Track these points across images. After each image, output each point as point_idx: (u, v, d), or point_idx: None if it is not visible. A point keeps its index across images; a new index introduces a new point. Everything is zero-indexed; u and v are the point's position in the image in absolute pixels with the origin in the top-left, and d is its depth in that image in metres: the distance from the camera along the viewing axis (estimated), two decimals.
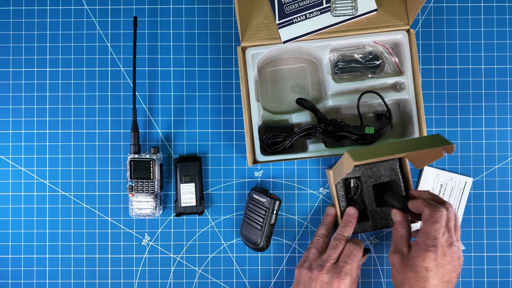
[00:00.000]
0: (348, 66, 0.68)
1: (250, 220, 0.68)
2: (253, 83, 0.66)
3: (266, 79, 0.71)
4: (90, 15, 0.72)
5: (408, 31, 0.66)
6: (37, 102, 0.72)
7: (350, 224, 0.63)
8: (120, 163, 0.72)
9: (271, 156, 0.66)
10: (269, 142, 0.66)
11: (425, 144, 0.55)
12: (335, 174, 0.64)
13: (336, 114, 0.70)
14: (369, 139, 0.65)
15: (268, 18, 0.66)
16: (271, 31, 0.66)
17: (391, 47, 0.69)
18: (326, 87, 0.68)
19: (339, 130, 0.65)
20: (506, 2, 0.72)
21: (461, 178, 0.71)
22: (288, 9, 0.66)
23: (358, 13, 0.65)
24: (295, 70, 0.71)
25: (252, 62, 0.66)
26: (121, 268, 0.72)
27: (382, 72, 0.69)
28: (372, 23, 0.66)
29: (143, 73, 0.72)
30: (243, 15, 0.65)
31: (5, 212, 0.72)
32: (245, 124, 0.65)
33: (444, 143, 0.54)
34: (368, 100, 0.68)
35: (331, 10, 0.66)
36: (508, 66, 0.72)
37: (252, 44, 0.66)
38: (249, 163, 0.65)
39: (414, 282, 0.54)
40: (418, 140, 0.58)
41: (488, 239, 0.71)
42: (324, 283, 0.58)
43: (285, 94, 0.71)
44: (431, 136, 0.56)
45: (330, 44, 0.66)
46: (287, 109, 0.71)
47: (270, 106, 0.71)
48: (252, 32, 0.65)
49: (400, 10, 0.65)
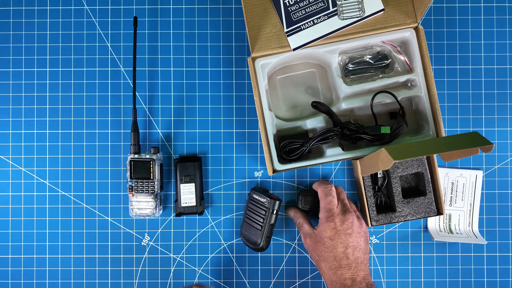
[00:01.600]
0: (358, 68, 0.68)
1: (250, 220, 0.68)
2: (264, 92, 0.65)
3: (276, 87, 0.71)
4: (90, 15, 0.72)
5: (416, 28, 0.66)
6: (37, 102, 0.72)
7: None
8: (120, 163, 0.72)
9: (290, 164, 0.65)
10: (286, 149, 0.65)
11: (464, 143, 0.54)
12: (366, 167, 0.63)
13: (349, 117, 0.70)
14: (386, 139, 0.64)
15: (277, 27, 0.65)
16: (280, 40, 0.65)
17: (399, 46, 0.69)
18: (338, 90, 0.68)
19: (355, 132, 0.65)
20: (506, 3, 0.72)
21: (471, 173, 0.71)
22: (295, 17, 0.65)
23: (366, 14, 0.65)
24: (304, 75, 0.71)
25: (262, 72, 0.66)
26: (121, 268, 0.72)
27: (392, 71, 0.69)
28: (380, 23, 0.65)
29: (143, 73, 0.72)
30: (252, 26, 0.65)
31: (5, 212, 0.72)
32: (262, 135, 0.65)
33: (484, 142, 0.53)
34: (381, 100, 0.68)
35: (338, 13, 0.65)
36: (508, 66, 0.72)
37: (263, 54, 0.65)
38: (269, 172, 0.65)
39: (325, 255, 0.59)
40: (458, 139, 0.57)
41: (488, 239, 0.71)
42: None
43: (297, 100, 0.71)
44: (470, 134, 0.56)
45: (339, 48, 0.66)
46: (300, 115, 0.71)
47: (282, 113, 0.71)
48: (262, 43, 0.65)
49: (408, 7, 0.65)
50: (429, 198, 0.67)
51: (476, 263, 0.71)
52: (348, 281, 0.57)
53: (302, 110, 0.71)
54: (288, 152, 0.66)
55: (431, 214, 0.66)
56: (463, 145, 0.54)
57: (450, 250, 0.71)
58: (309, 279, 0.72)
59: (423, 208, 0.67)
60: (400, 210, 0.67)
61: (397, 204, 0.67)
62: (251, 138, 0.72)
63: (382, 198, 0.69)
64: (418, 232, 0.71)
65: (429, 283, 0.71)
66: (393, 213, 0.67)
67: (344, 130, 0.65)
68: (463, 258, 0.71)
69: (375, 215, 0.67)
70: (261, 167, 0.72)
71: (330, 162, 0.66)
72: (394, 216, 0.67)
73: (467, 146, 0.54)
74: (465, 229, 0.71)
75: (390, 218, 0.67)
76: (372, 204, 0.67)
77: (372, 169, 0.60)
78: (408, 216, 0.67)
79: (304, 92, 0.71)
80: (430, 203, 0.67)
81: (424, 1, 0.61)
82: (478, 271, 0.71)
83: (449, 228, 0.71)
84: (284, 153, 0.66)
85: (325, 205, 0.62)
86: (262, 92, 0.65)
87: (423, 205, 0.67)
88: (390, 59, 0.69)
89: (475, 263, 0.71)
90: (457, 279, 0.71)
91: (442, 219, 0.71)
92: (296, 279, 0.72)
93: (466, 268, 0.71)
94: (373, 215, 0.67)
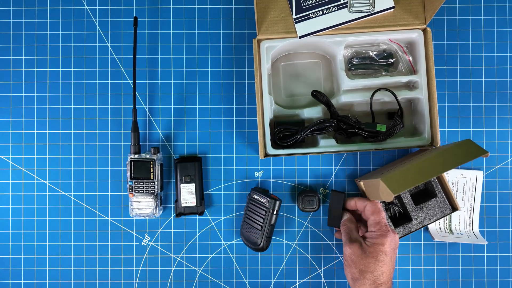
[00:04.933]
0: (363, 63, 0.68)
1: (250, 220, 0.68)
2: (266, 76, 0.66)
3: (278, 73, 0.71)
4: (91, 16, 0.72)
5: (424, 30, 0.66)
6: (37, 103, 0.72)
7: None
8: (120, 163, 0.72)
9: (282, 150, 0.66)
10: (280, 135, 0.66)
11: (462, 159, 0.54)
12: (370, 193, 0.63)
13: (348, 111, 0.71)
14: (380, 136, 0.65)
15: (285, 12, 0.65)
16: (288, 25, 0.65)
17: (405, 46, 0.69)
18: (340, 83, 0.68)
19: (351, 126, 0.65)
20: (507, 3, 0.72)
21: (471, 173, 0.71)
22: (305, 4, 0.65)
23: (375, 10, 0.65)
24: (308, 65, 0.72)
25: (267, 55, 0.66)
26: (121, 268, 0.72)
27: (396, 71, 0.69)
28: (389, 21, 0.65)
29: (143, 73, 0.72)
30: (260, 8, 0.65)
31: (5, 212, 0.72)
32: (258, 117, 0.65)
33: (478, 152, 0.53)
34: (381, 98, 0.68)
35: (348, 6, 0.65)
36: (509, 66, 0.72)
37: (268, 37, 0.65)
38: (261, 155, 0.65)
39: (373, 267, 0.58)
40: (452, 152, 0.56)
41: (488, 240, 0.71)
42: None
43: (297, 88, 0.72)
44: (464, 145, 0.55)
45: (345, 40, 0.66)
46: (299, 103, 0.71)
47: (281, 100, 0.72)
48: (269, 25, 0.65)
49: (418, 8, 0.65)
50: (441, 198, 0.67)
51: (476, 263, 0.71)
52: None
53: (301, 99, 0.71)
54: (282, 138, 0.66)
55: (447, 212, 0.67)
56: (459, 161, 0.54)
57: (451, 250, 0.71)
58: (309, 279, 0.72)
59: (438, 209, 0.67)
60: (416, 217, 0.67)
61: (411, 212, 0.67)
62: (251, 138, 0.72)
63: (395, 209, 0.69)
64: (418, 233, 0.71)
65: (430, 283, 0.71)
66: (410, 222, 0.67)
67: (340, 123, 0.65)
68: (463, 258, 0.71)
69: (394, 229, 0.67)
70: (261, 167, 0.72)
71: (323, 153, 0.66)
72: (412, 225, 0.67)
73: (464, 161, 0.54)
74: (466, 230, 0.71)
75: (408, 229, 0.67)
76: (387, 219, 0.67)
77: (376, 197, 0.60)
78: (426, 220, 0.67)
79: (306, 82, 0.71)
80: (443, 203, 0.67)
81: (435, 4, 0.61)
82: (478, 271, 0.71)
83: (449, 229, 0.71)
84: (278, 138, 0.66)
85: (379, 220, 0.60)
86: (264, 75, 0.65)
87: (436, 206, 0.67)
88: (395, 58, 0.69)
89: (476, 263, 0.71)
90: (457, 280, 0.71)
91: (442, 219, 0.71)
92: (296, 279, 0.72)
93: (466, 269, 0.71)
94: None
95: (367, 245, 0.60)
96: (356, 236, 0.62)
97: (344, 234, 0.63)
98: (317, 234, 0.72)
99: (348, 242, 0.61)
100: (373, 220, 0.61)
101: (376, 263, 0.58)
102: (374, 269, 0.58)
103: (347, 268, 0.61)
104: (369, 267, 0.58)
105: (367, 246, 0.59)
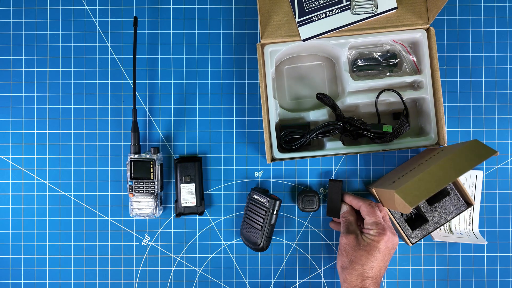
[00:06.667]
0: (367, 64, 0.68)
1: (250, 220, 0.68)
2: (270, 80, 0.66)
3: (283, 76, 0.71)
4: (90, 15, 0.72)
5: (427, 29, 0.65)
6: (37, 102, 0.72)
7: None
8: (120, 163, 0.72)
9: (289, 154, 0.65)
10: (287, 139, 0.65)
11: (473, 161, 0.53)
12: (385, 202, 0.63)
13: (353, 113, 0.71)
14: (387, 137, 0.64)
15: (288, 15, 0.65)
16: (291, 28, 0.65)
17: (409, 46, 0.69)
18: (344, 85, 0.68)
19: (357, 128, 0.65)
20: (507, 3, 0.72)
21: (471, 173, 0.71)
22: (308, 7, 0.65)
23: (378, 11, 0.65)
24: (312, 67, 0.72)
25: (271, 60, 0.66)
26: (121, 268, 0.72)
27: (400, 71, 0.69)
28: (392, 22, 0.65)
29: (143, 73, 0.72)
30: (263, 12, 0.65)
31: (5, 212, 0.72)
32: (264, 121, 0.65)
33: (488, 153, 0.53)
34: (386, 98, 0.68)
35: (351, 8, 0.65)
36: (509, 66, 0.72)
37: (272, 41, 0.65)
38: (268, 160, 0.65)
39: (364, 260, 0.59)
40: (461, 155, 0.55)
41: (488, 240, 0.71)
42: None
43: (302, 91, 0.71)
44: (472, 146, 0.55)
45: (349, 42, 0.66)
46: (304, 106, 0.71)
47: (286, 103, 0.72)
48: (272, 29, 0.65)
49: (421, 8, 0.65)
50: (454, 195, 0.66)
51: (476, 263, 0.71)
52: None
53: (306, 102, 0.71)
54: (288, 141, 0.66)
55: (463, 209, 0.66)
56: (471, 164, 0.53)
57: (451, 250, 0.71)
58: (309, 279, 0.72)
59: (453, 206, 0.66)
60: (431, 218, 0.66)
61: (426, 213, 0.66)
62: (251, 138, 0.72)
63: (410, 212, 0.68)
64: None
65: (430, 283, 0.71)
66: (426, 223, 0.66)
67: (346, 125, 0.65)
68: (463, 258, 0.71)
69: (411, 232, 0.66)
70: (261, 167, 0.72)
71: (330, 155, 0.66)
72: (428, 226, 0.66)
73: (474, 164, 0.53)
74: (466, 229, 0.71)
75: (426, 230, 0.66)
76: (403, 223, 0.67)
77: (392, 207, 0.60)
78: (442, 220, 0.66)
79: (310, 84, 0.71)
80: (457, 199, 0.66)
81: (438, 3, 0.61)
82: (478, 271, 0.71)
83: (449, 229, 0.71)
84: (284, 142, 0.66)
85: (376, 220, 0.61)
86: (268, 79, 0.65)
87: (451, 204, 0.66)
88: (399, 58, 0.69)
89: (476, 263, 0.71)
90: (457, 280, 0.71)
91: None
92: (296, 279, 0.72)
93: (466, 269, 0.71)
94: (408, 233, 0.66)
95: (363, 239, 0.60)
96: (355, 228, 0.63)
97: (343, 225, 0.64)
98: (317, 234, 0.72)
99: (345, 232, 0.63)
100: (369, 220, 0.61)
101: (367, 257, 0.59)
102: (365, 262, 0.59)
103: (339, 257, 0.63)
104: (360, 259, 0.59)
105: (363, 240, 0.60)
